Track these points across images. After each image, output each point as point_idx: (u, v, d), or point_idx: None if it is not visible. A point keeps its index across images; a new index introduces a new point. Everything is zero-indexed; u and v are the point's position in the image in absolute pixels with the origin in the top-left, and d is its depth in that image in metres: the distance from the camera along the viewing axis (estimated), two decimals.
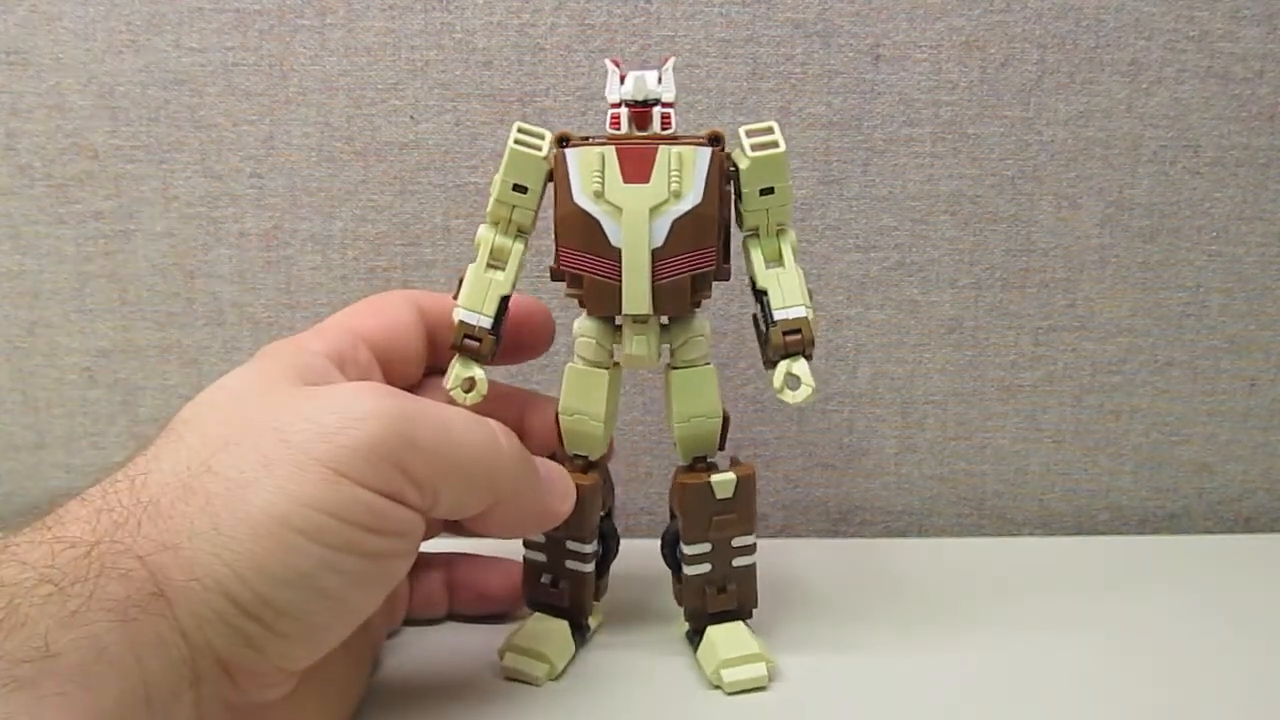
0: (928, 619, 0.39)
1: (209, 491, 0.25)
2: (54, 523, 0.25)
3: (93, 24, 0.45)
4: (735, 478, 0.34)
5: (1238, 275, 0.48)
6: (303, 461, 0.26)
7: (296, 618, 0.26)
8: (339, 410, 0.27)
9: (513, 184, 0.33)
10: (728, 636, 0.34)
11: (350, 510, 0.26)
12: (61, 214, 0.46)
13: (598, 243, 0.32)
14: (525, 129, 0.33)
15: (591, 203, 0.32)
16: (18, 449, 0.49)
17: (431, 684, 0.34)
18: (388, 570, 0.28)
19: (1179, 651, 0.36)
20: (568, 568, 0.35)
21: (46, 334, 0.48)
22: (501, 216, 0.34)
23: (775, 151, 0.33)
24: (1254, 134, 0.47)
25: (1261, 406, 0.50)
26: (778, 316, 0.33)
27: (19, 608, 0.22)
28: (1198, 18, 0.45)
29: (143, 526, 0.25)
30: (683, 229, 0.32)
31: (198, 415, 0.28)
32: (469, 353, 0.33)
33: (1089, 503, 0.50)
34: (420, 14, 0.44)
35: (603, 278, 0.33)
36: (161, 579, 0.24)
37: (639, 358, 0.34)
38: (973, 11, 0.45)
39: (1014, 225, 0.47)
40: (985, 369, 0.49)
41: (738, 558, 0.35)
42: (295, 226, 0.47)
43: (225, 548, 0.25)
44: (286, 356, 0.31)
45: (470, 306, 0.34)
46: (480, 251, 0.34)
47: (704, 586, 0.35)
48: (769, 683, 0.34)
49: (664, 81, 0.33)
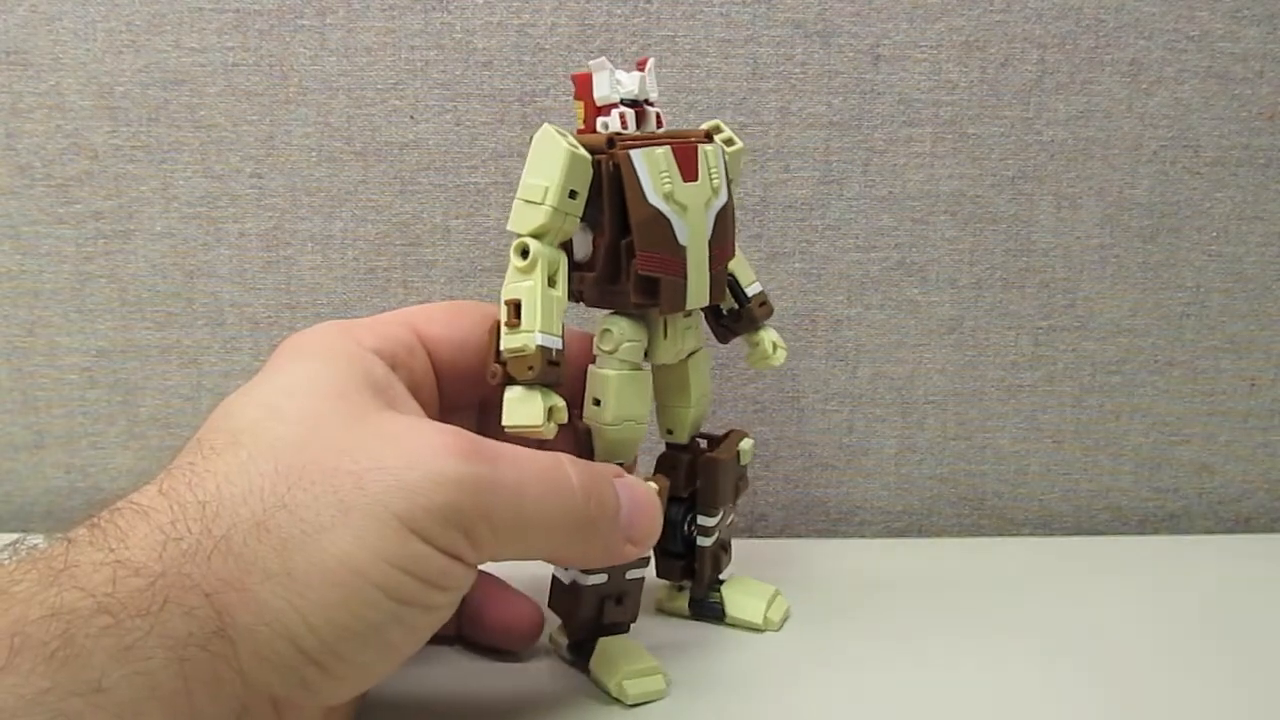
0: (928, 619, 0.39)
1: (284, 532, 0.25)
2: (116, 542, 0.24)
3: (93, 24, 0.45)
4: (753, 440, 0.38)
5: (1238, 275, 0.48)
6: (380, 514, 0.25)
7: (356, 664, 0.26)
8: (420, 465, 0.26)
9: (570, 190, 0.31)
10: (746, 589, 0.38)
11: (421, 567, 0.26)
12: (61, 214, 0.46)
13: (670, 242, 0.32)
14: (564, 132, 0.32)
15: (664, 203, 0.32)
16: (18, 449, 0.49)
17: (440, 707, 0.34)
18: (438, 619, 0.28)
19: (1179, 651, 0.36)
20: (628, 579, 0.34)
21: (46, 334, 0.48)
22: (554, 226, 0.31)
23: (739, 146, 0.36)
24: (1254, 134, 0.47)
25: (1261, 406, 0.50)
26: (750, 293, 0.38)
27: (74, 638, 0.22)
28: (1198, 18, 0.45)
29: (213, 561, 0.25)
30: (722, 223, 0.34)
31: (264, 425, 0.27)
32: (549, 380, 0.31)
33: (1089, 503, 0.50)
34: (420, 14, 0.44)
35: (675, 276, 0.33)
36: (226, 619, 0.24)
37: (683, 350, 0.35)
38: (973, 11, 0.45)
39: (1014, 225, 0.47)
40: (985, 369, 0.49)
41: (730, 516, 0.39)
42: (295, 226, 0.47)
43: (298, 594, 0.25)
44: (346, 360, 0.29)
45: (547, 329, 0.31)
46: (537, 268, 0.31)
47: (715, 553, 0.38)
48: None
49: (649, 81, 0.34)
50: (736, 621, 0.38)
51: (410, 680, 0.34)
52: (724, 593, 0.38)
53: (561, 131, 0.31)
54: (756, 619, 0.37)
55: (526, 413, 0.31)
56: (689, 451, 0.37)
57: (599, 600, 0.34)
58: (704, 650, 0.37)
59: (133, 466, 0.49)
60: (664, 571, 0.38)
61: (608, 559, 0.31)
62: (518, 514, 0.28)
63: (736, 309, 0.38)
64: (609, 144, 0.32)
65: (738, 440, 0.38)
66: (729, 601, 0.38)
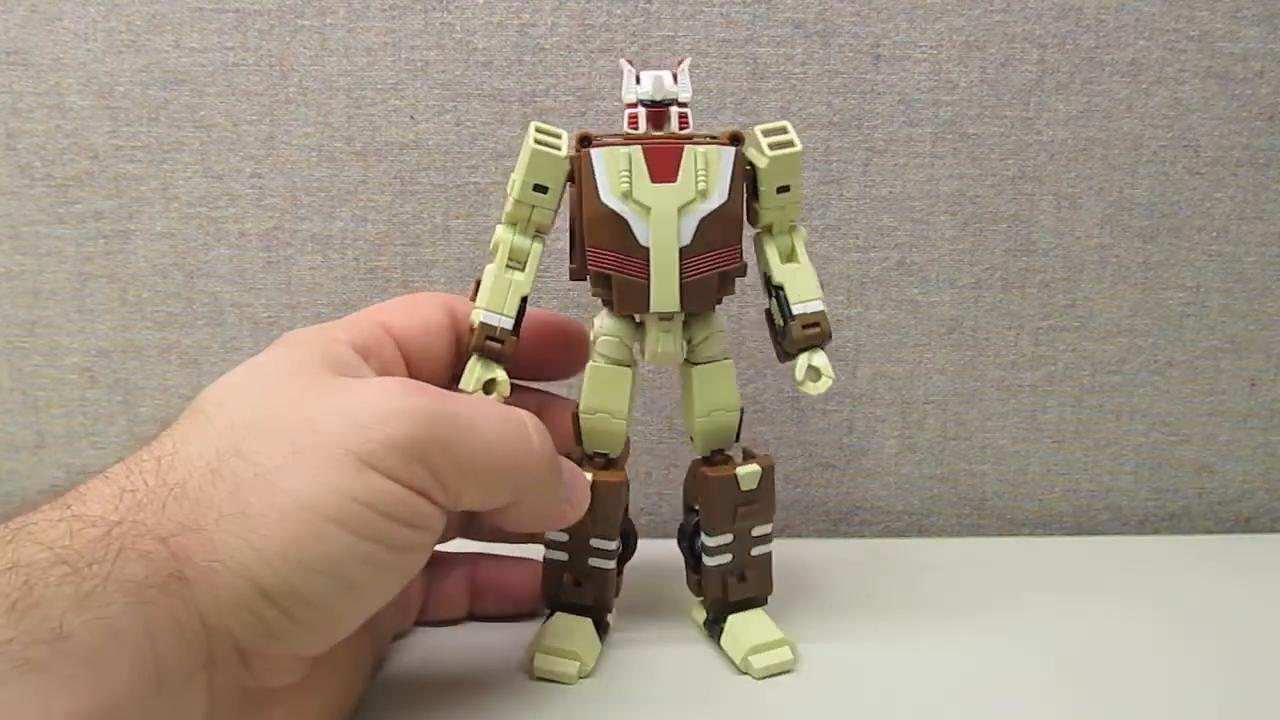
0: (928, 619, 0.39)
1: (238, 475, 0.26)
2: (74, 500, 0.25)
3: (93, 24, 0.45)
4: (760, 469, 0.35)
5: (1238, 275, 0.48)
6: (333, 451, 0.26)
7: (317, 605, 0.26)
8: (370, 405, 0.27)
9: (533, 184, 0.33)
10: (750, 624, 0.36)
11: (379, 500, 0.26)
12: (61, 214, 0.46)
13: (626, 242, 0.33)
14: (543, 129, 0.33)
15: (620, 202, 0.32)
16: (18, 449, 0.49)
17: (460, 683, 0.34)
18: (408, 562, 0.28)
19: (1179, 651, 0.36)
20: (591, 565, 0.36)
21: (46, 334, 0.48)
22: (521, 217, 0.34)
23: (792, 150, 0.33)
24: (1254, 134, 0.47)
25: (1261, 406, 0.50)
26: (796, 311, 0.34)
27: (34, 588, 0.22)
28: (1198, 18, 0.45)
29: (167, 508, 0.25)
30: (710, 227, 0.33)
31: (226, 398, 0.28)
32: (490, 354, 0.33)
33: (1089, 503, 0.50)
34: (420, 14, 0.44)
35: (631, 276, 0.33)
36: (183, 560, 0.24)
37: (666, 354, 0.34)
38: (973, 11, 0.45)
39: (1014, 225, 0.47)
40: (985, 369, 0.49)
41: (756, 546, 0.36)
42: (295, 226, 0.47)
43: (253, 531, 0.25)
44: (315, 345, 0.31)
45: (491, 307, 0.33)
46: (499, 252, 0.34)
47: (725, 577, 0.36)
48: (794, 664, 0.34)
49: (680, 81, 0.33)
50: (725, 652, 0.36)
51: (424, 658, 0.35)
52: (730, 621, 0.36)
53: (546, 130, 0.33)
54: (736, 657, 0.35)
55: (464, 379, 0.33)
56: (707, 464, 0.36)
57: (558, 575, 0.36)
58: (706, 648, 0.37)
59: None
60: (688, 582, 0.38)
61: (554, 513, 0.33)
62: (475, 439, 0.28)
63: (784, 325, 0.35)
64: (581, 143, 0.33)
65: (744, 462, 0.35)
66: (727, 631, 0.36)
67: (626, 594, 0.38)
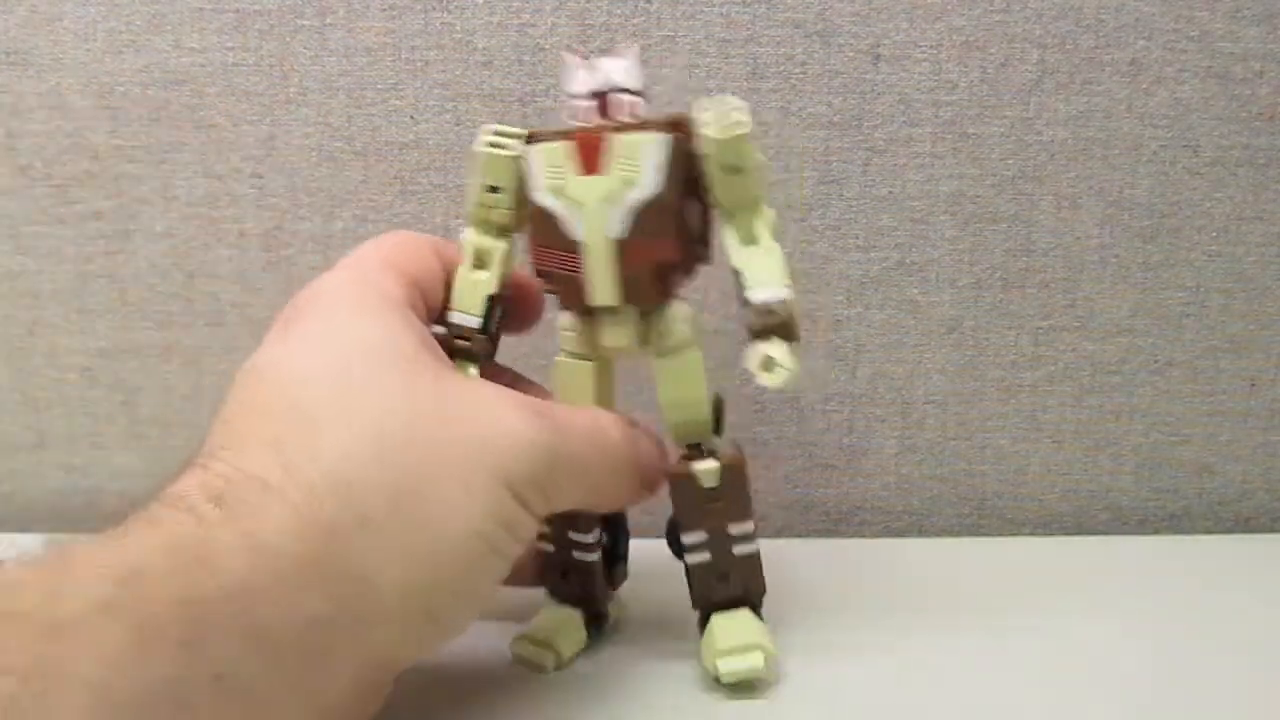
0: (928, 619, 0.39)
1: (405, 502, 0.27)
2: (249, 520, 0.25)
3: (93, 24, 0.45)
4: (719, 466, 0.34)
5: (1238, 275, 0.48)
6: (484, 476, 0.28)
7: (454, 620, 0.29)
8: (505, 431, 0.29)
9: (487, 186, 0.34)
10: (729, 625, 0.34)
11: (512, 521, 0.29)
12: (61, 214, 0.46)
13: (561, 238, 0.32)
14: (500, 130, 0.33)
15: (553, 198, 0.32)
16: (18, 449, 0.49)
17: (446, 671, 0.34)
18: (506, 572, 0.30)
19: (1179, 652, 0.36)
20: (574, 558, 0.36)
21: (46, 334, 0.48)
22: (480, 218, 0.34)
23: (737, 131, 0.31)
24: (1254, 134, 0.47)
25: (1261, 406, 0.50)
26: (750, 298, 0.32)
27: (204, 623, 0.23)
28: (1198, 18, 0.45)
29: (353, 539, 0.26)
30: (644, 218, 0.31)
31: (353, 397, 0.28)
32: (462, 354, 0.34)
33: (1089, 503, 0.50)
34: (420, 14, 0.44)
35: (568, 271, 0.32)
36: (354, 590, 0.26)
37: (618, 348, 0.34)
38: (973, 11, 0.45)
39: (1014, 225, 0.47)
40: (985, 369, 0.49)
41: (737, 545, 0.34)
42: (295, 226, 0.47)
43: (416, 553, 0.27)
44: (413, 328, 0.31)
45: (459, 308, 0.34)
46: (466, 254, 0.34)
47: (706, 575, 0.35)
48: (765, 671, 0.33)
49: (627, 69, 0.32)
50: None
51: None
52: (713, 622, 0.34)
53: (503, 130, 0.33)
54: (706, 659, 0.34)
55: None
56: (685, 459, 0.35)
57: (551, 565, 0.36)
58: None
59: (133, 467, 0.49)
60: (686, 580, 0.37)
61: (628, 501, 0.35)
62: (583, 470, 0.31)
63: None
64: (528, 140, 0.33)
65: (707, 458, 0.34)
66: (708, 632, 0.34)
67: (639, 592, 0.38)
